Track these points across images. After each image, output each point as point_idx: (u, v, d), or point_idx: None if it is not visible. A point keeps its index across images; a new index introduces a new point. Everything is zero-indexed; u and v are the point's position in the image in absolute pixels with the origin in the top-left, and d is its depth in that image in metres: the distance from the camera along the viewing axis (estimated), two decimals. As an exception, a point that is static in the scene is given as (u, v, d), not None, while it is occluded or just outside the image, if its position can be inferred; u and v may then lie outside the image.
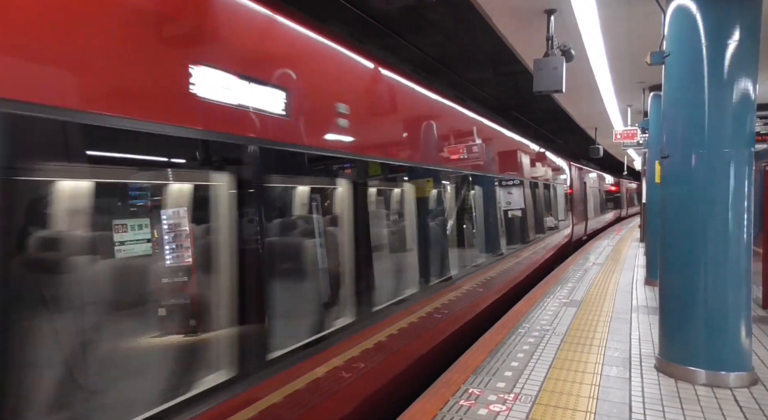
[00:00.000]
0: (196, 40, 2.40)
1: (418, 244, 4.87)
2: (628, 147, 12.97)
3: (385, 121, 4.49)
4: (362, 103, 3.99)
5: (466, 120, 6.73)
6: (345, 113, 3.56)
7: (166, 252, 2.50)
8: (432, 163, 5.29)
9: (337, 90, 3.59)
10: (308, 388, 2.99)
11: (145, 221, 2.45)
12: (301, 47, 3.26)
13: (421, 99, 5.30)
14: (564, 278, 9.18)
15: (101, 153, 2.11)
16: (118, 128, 2.00)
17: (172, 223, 2.52)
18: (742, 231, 3.99)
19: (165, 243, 2.51)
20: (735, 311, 4.02)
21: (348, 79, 3.84)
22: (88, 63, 1.89)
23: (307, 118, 3.18)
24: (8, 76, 1.66)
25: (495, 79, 12.53)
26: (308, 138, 3.18)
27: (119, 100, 2.01)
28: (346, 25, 8.46)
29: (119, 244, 2.32)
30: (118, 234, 2.33)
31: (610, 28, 6.53)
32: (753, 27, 3.94)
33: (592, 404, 3.67)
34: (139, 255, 2.42)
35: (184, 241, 2.52)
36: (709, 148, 4.01)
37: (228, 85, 2.51)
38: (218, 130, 2.46)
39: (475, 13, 6.28)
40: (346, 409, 3.47)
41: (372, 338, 3.80)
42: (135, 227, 2.39)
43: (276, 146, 2.86)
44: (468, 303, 6.11)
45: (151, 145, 2.24)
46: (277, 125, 2.86)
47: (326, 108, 3.41)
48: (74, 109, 1.83)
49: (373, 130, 4.20)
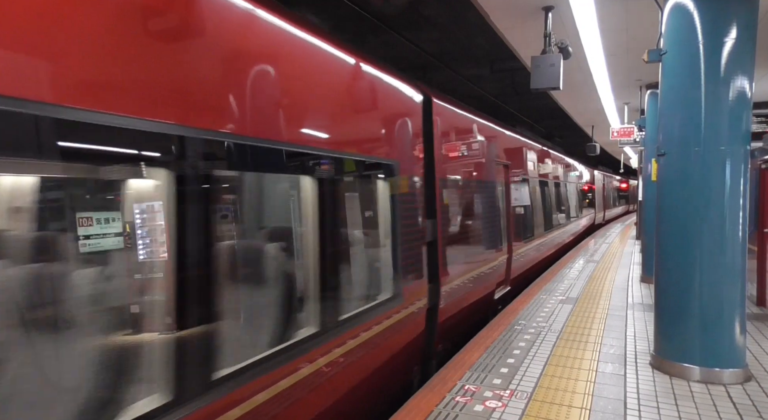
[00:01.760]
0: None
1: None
2: (624, 145, 13.00)
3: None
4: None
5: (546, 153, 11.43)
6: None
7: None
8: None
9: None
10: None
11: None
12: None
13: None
14: (560, 275, 9.21)
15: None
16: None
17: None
18: (738, 228, 4.01)
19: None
20: (730, 308, 4.04)
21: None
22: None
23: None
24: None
25: (492, 76, 12.52)
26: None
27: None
28: (342, 22, 8.44)
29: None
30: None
31: (608, 25, 6.53)
32: (750, 25, 3.95)
33: (587, 401, 3.69)
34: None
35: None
36: (706, 145, 4.02)
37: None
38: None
39: (472, 9, 6.27)
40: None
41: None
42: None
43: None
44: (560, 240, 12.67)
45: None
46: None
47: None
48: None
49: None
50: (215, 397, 2.53)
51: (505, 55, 8.99)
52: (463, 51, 10.78)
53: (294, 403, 3.09)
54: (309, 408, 3.29)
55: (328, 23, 8.44)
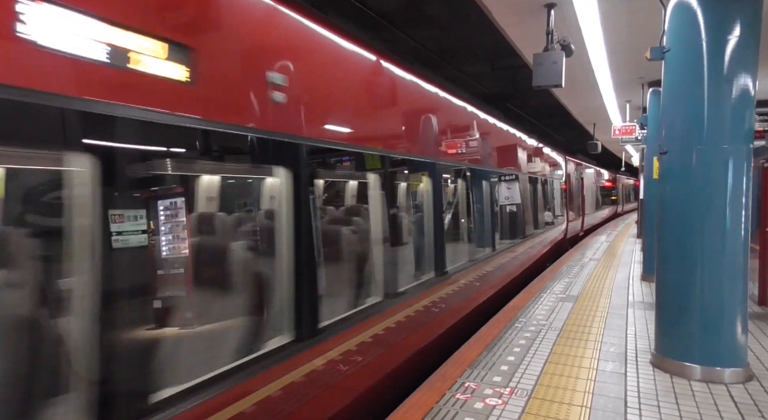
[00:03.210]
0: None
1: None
2: (626, 143, 12.97)
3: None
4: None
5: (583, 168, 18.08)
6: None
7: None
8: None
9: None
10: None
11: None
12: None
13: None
14: (561, 273, 9.20)
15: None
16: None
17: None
18: (740, 227, 3.99)
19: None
20: (731, 307, 4.03)
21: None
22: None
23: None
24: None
25: (493, 74, 12.49)
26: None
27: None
28: (344, 18, 8.40)
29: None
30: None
31: (610, 22, 6.50)
32: (753, 23, 3.92)
33: (587, 399, 3.68)
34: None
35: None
36: (708, 144, 4.00)
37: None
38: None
39: (474, 6, 6.24)
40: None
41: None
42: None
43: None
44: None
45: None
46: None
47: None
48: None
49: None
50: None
51: (506, 52, 8.95)
52: (465, 48, 10.74)
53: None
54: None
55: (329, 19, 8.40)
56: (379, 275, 4.23)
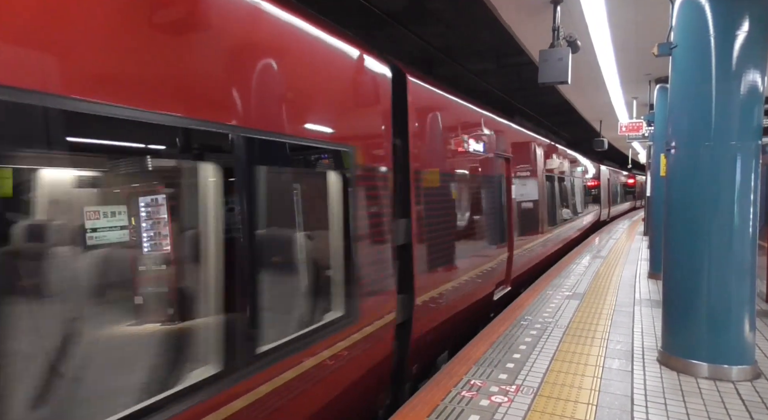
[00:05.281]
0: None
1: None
2: (633, 140, 12.90)
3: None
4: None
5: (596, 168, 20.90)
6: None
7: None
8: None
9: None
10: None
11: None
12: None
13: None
14: (567, 271, 9.18)
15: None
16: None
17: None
18: (748, 224, 3.96)
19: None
20: (738, 305, 4.01)
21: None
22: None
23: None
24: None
25: (499, 71, 12.45)
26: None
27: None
28: (349, 16, 8.39)
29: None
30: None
31: (617, 18, 6.47)
32: (762, 18, 3.88)
33: (593, 396, 3.68)
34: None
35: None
36: (716, 140, 3.97)
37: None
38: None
39: (479, 3, 6.22)
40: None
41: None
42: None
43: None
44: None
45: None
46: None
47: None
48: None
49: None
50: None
51: (512, 49, 8.92)
52: (470, 45, 10.71)
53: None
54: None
55: (333, 17, 8.39)
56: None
